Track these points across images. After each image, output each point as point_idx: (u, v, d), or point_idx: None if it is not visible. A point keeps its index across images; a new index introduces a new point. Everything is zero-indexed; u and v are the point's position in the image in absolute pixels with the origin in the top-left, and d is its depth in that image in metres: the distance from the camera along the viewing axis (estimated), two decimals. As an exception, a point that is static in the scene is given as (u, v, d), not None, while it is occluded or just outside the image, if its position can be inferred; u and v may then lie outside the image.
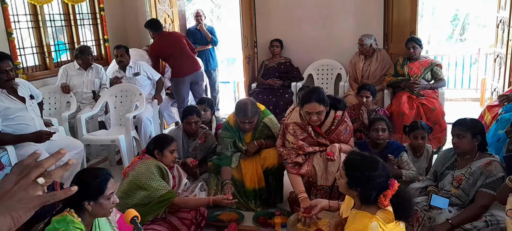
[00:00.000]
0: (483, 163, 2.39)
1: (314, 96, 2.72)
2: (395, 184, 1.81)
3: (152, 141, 2.85)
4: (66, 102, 4.38)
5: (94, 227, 1.87)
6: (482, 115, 3.88)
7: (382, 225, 1.75)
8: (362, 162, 1.86)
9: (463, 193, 2.45)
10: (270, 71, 5.13)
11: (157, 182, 2.59)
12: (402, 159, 2.98)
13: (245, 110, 3.03)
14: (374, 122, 3.08)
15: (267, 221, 2.89)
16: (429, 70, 4.25)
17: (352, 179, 1.85)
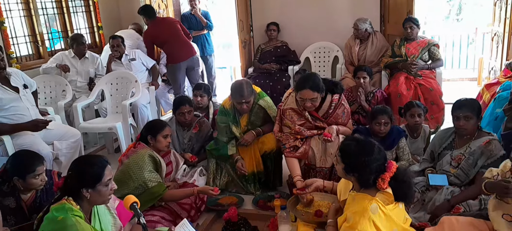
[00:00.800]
0: (483, 142, 2.39)
1: (308, 83, 2.70)
2: (392, 166, 1.81)
3: (145, 127, 2.82)
4: (61, 91, 4.34)
5: (93, 214, 1.86)
6: (481, 94, 3.88)
7: (381, 206, 1.76)
8: (357, 147, 1.85)
9: (462, 172, 2.45)
10: (266, 55, 5.09)
11: (149, 173, 2.56)
12: (399, 146, 2.94)
13: (242, 90, 3.01)
14: (376, 115, 2.92)
15: (266, 204, 2.90)
16: (427, 51, 4.22)
17: (349, 164, 1.85)
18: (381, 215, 1.75)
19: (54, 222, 1.65)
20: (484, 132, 2.49)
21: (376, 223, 1.74)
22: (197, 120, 3.43)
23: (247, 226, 2.49)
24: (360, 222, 1.75)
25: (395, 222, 1.79)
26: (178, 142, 3.40)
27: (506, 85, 3.50)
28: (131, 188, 2.53)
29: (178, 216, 2.71)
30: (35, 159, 2.25)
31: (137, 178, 2.55)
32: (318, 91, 2.71)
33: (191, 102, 3.36)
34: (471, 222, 2.12)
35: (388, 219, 1.77)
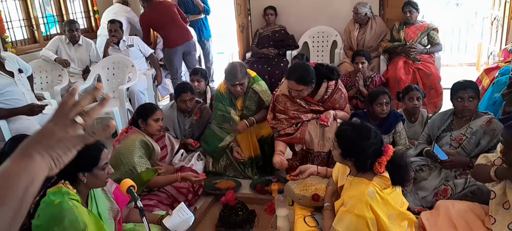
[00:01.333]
0: (484, 122, 2.40)
1: (295, 75, 2.69)
2: (389, 150, 1.80)
3: (136, 111, 2.80)
4: (57, 76, 4.31)
5: (90, 198, 1.86)
6: (480, 78, 3.86)
7: (379, 191, 1.75)
8: (354, 132, 1.84)
9: (464, 151, 2.47)
10: (264, 40, 5.04)
11: (138, 159, 2.56)
12: (396, 130, 2.94)
13: (235, 72, 2.99)
14: (377, 96, 2.93)
15: (264, 188, 2.91)
16: (426, 35, 4.20)
17: (345, 149, 1.84)
18: (378, 199, 1.75)
19: (50, 206, 1.65)
20: (481, 112, 2.51)
21: (374, 207, 1.74)
22: (198, 106, 3.41)
23: (244, 209, 2.49)
24: (357, 206, 1.75)
25: (392, 206, 1.79)
26: (179, 128, 3.38)
27: (505, 70, 3.48)
28: (122, 173, 2.53)
29: (176, 200, 2.71)
30: None
31: (127, 162, 2.55)
32: (305, 84, 2.69)
33: (192, 89, 3.32)
34: (467, 207, 2.13)
35: (386, 203, 1.77)
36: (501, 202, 1.89)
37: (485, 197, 2.13)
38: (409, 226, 1.91)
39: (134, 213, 2.18)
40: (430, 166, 2.56)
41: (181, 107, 3.31)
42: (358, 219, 1.75)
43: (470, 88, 2.43)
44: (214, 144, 3.17)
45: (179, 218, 2.17)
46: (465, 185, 2.32)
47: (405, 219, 1.86)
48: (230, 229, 2.43)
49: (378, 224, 1.77)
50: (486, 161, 2.03)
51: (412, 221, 1.90)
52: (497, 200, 1.91)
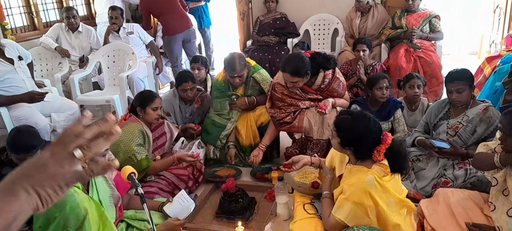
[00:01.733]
0: (480, 110, 2.40)
1: (289, 67, 2.68)
2: (388, 138, 1.81)
3: (135, 98, 2.78)
4: (58, 64, 4.30)
5: (90, 185, 1.87)
6: (481, 67, 3.84)
7: (378, 178, 1.76)
8: (353, 120, 1.85)
9: (460, 139, 2.47)
10: (265, 27, 5.01)
11: (137, 147, 2.58)
12: (395, 117, 2.96)
13: (233, 65, 2.98)
14: (377, 80, 2.96)
15: (264, 176, 2.92)
16: (427, 22, 4.17)
17: (344, 138, 1.84)
18: (377, 187, 1.76)
19: (51, 192, 1.66)
20: (478, 100, 2.51)
21: (373, 195, 1.75)
22: (199, 94, 3.41)
23: (244, 197, 2.51)
24: (356, 194, 1.76)
25: (391, 193, 1.80)
26: (180, 115, 3.39)
27: (507, 58, 3.46)
28: (121, 160, 2.53)
29: (176, 187, 2.73)
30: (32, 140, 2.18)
31: (127, 150, 2.56)
32: (299, 76, 2.68)
33: (194, 78, 3.28)
34: (467, 195, 2.14)
35: (385, 190, 1.78)
36: (501, 189, 1.90)
37: (484, 188, 2.15)
38: (408, 213, 1.93)
39: (135, 200, 2.20)
40: (428, 156, 2.57)
41: (182, 96, 3.30)
42: (357, 206, 1.76)
43: (457, 81, 2.42)
44: (215, 132, 3.18)
45: (179, 205, 2.18)
46: (466, 177, 2.33)
47: (404, 207, 1.88)
48: (230, 216, 2.45)
49: (377, 212, 1.78)
50: (486, 149, 2.04)
51: (411, 208, 1.92)
52: (498, 187, 1.91)
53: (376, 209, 1.77)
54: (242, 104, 3.14)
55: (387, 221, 1.79)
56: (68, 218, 1.60)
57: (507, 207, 1.85)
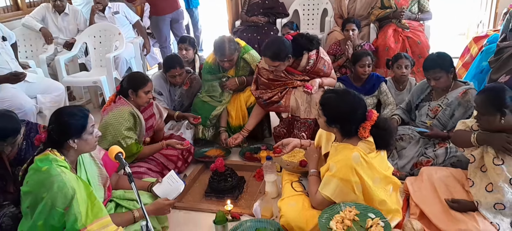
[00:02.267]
0: (460, 93, 2.42)
1: (269, 52, 2.66)
2: (373, 115, 1.83)
3: (127, 79, 2.67)
4: (42, 45, 4.22)
5: (78, 165, 1.86)
6: (468, 47, 3.88)
7: (363, 155, 1.79)
8: (338, 99, 1.87)
9: (439, 123, 2.51)
10: (254, 7, 4.95)
11: (126, 131, 2.53)
12: (381, 89, 3.03)
13: (223, 49, 2.96)
14: (360, 57, 3.03)
15: (253, 156, 2.94)
16: (416, 2, 4.18)
17: (330, 117, 1.86)
18: (363, 164, 1.78)
19: (38, 172, 1.65)
20: (460, 82, 2.51)
21: (359, 171, 1.78)
22: (188, 76, 3.37)
23: (233, 176, 2.53)
24: (342, 170, 1.79)
25: (377, 170, 1.83)
26: (170, 97, 3.35)
27: (494, 38, 3.49)
28: (109, 143, 2.50)
29: (165, 167, 2.73)
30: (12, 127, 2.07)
31: (116, 134, 2.52)
32: (279, 60, 2.67)
33: (182, 63, 3.22)
34: (449, 173, 2.20)
35: (370, 166, 1.81)
36: (479, 166, 1.95)
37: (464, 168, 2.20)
38: (394, 190, 1.97)
39: (124, 179, 2.19)
40: (410, 135, 2.61)
41: (171, 81, 3.25)
42: (343, 183, 1.79)
43: (433, 69, 2.41)
44: (205, 112, 3.17)
45: (169, 186, 2.18)
46: (446, 157, 2.38)
47: (390, 183, 1.91)
48: (219, 195, 2.47)
49: (363, 188, 1.81)
50: (464, 126, 2.08)
51: (397, 185, 1.96)
52: (476, 164, 1.97)
53: (362, 185, 1.80)
54: (233, 85, 3.13)
55: (373, 197, 1.82)
56: (56, 197, 1.60)
57: (485, 182, 1.90)
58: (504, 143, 1.79)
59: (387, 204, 1.87)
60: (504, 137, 1.82)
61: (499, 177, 1.81)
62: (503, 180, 1.80)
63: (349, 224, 1.69)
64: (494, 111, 1.82)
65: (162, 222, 2.20)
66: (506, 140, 1.80)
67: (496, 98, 1.83)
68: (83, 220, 1.62)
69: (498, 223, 1.83)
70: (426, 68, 2.47)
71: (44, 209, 1.61)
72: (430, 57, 2.51)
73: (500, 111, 1.81)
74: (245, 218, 2.23)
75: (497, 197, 1.82)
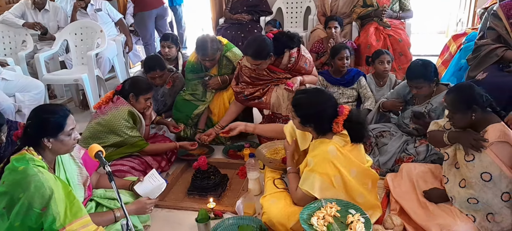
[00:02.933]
0: (443, 98, 2.45)
1: (251, 50, 2.66)
2: (344, 109, 1.88)
3: (130, 83, 2.69)
4: (21, 42, 4.13)
5: (57, 164, 1.83)
6: (447, 45, 3.94)
7: (339, 148, 1.83)
8: (309, 98, 1.91)
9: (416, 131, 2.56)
10: (238, 5, 4.94)
11: (131, 131, 2.58)
12: (360, 83, 3.10)
13: (205, 48, 2.96)
14: (339, 51, 3.11)
15: (236, 154, 2.94)
16: (398, 1, 4.25)
17: (304, 117, 1.90)
18: (339, 156, 1.83)
19: (14, 172, 1.61)
20: (442, 85, 2.53)
21: (336, 164, 1.82)
22: (170, 75, 3.35)
23: (216, 174, 2.52)
24: (320, 165, 1.82)
25: (354, 162, 1.87)
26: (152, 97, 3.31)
27: (472, 36, 3.57)
28: (111, 141, 2.56)
29: (149, 166, 2.71)
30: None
31: (120, 134, 2.56)
32: (261, 58, 2.67)
33: (162, 64, 3.16)
34: (428, 169, 2.24)
35: (347, 159, 1.85)
36: (453, 163, 2.00)
37: None
38: (373, 185, 2.00)
39: (105, 178, 2.17)
40: (391, 132, 2.65)
41: (152, 83, 3.19)
42: (322, 177, 1.82)
43: (416, 79, 2.44)
44: (187, 111, 3.15)
45: (150, 185, 2.17)
46: (427, 153, 2.43)
47: (369, 177, 1.95)
48: (202, 193, 2.46)
49: (343, 181, 1.84)
50: (437, 126, 2.13)
51: (375, 178, 1.99)
52: (450, 161, 2.02)
53: (341, 179, 1.83)
54: (215, 84, 3.12)
55: (353, 189, 1.86)
56: (33, 198, 1.57)
57: (459, 179, 1.95)
58: (471, 140, 1.84)
59: (366, 197, 1.90)
60: (472, 134, 1.87)
61: (470, 173, 1.87)
62: (474, 175, 1.85)
63: (330, 220, 1.71)
64: (465, 109, 1.87)
65: (144, 221, 2.19)
66: (473, 137, 1.85)
67: (465, 96, 1.88)
68: (62, 220, 1.60)
69: (473, 215, 1.88)
70: (409, 77, 2.49)
71: (21, 210, 1.57)
72: (414, 66, 2.50)
73: (471, 108, 1.86)
74: (227, 215, 2.24)
75: (470, 193, 1.87)
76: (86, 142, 2.53)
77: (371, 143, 2.64)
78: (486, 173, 1.81)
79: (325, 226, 1.69)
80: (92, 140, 2.52)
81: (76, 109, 4.15)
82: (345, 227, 1.69)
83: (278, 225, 1.91)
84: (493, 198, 1.82)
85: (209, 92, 3.17)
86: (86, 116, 3.91)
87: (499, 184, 1.81)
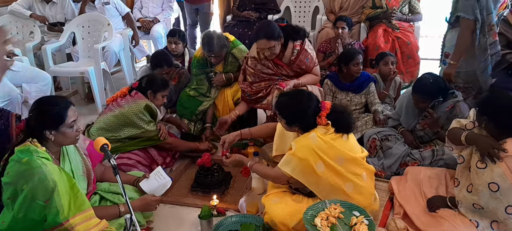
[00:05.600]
0: (447, 108, 2.43)
1: (262, 32, 2.66)
2: (326, 104, 1.94)
3: (148, 79, 2.73)
4: (29, 33, 4.14)
5: (62, 155, 1.83)
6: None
7: (320, 135, 1.87)
8: (290, 100, 1.98)
9: (427, 136, 2.55)
10: (246, 2, 4.93)
11: (148, 124, 2.62)
12: (369, 89, 3.05)
13: (211, 45, 2.95)
14: (354, 56, 3.01)
15: (240, 151, 2.93)
16: (407, 3, 4.21)
17: (288, 117, 1.96)
18: (320, 143, 1.86)
19: (19, 164, 1.62)
20: (449, 95, 2.49)
21: (318, 151, 1.85)
22: (176, 71, 3.35)
23: (220, 171, 2.52)
24: (301, 150, 1.86)
25: (339, 150, 1.89)
26: None
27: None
28: (126, 134, 2.59)
29: (154, 161, 2.72)
30: None
31: (137, 126, 2.59)
32: (274, 39, 2.67)
33: (170, 61, 3.17)
34: (435, 173, 2.22)
35: (330, 146, 1.87)
36: (467, 166, 1.96)
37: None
38: (369, 177, 2.00)
39: (110, 171, 2.16)
40: (396, 136, 2.63)
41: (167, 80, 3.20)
42: (302, 162, 1.86)
43: (420, 94, 2.44)
44: (191, 107, 3.15)
45: (156, 182, 2.17)
46: (432, 159, 2.41)
47: (362, 168, 1.95)
48: (205, 190, 2.46)
49: (328, 169, 1.87)
50: (459, 125, 2.07)
51: (371, 172, 2.00)
52: (464, 164, 1.97)
53: (326, 167, 1.86)
54: (220, 81, 3.11)
55: (341, 176, 1.89)
56: (36, 190, 1.57)
57: (468, 183, 1.92)
58: (489, 147, 1.78)
59: (359, 183, 1.92)
60: (491, 141, 1.80)
61: (479, 180, 1.82)
62: (482, 183, 1.81)
63: (333, 221, 1.70)
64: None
65: (147, 216, 2.19)
66: (492, 144, 1.78)
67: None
68: (65, 213, 1.60)
69: (477, 221, 1.86)
70: (415, 91, 2.47)
71: (25, 202, 1.58)
72: (423, 82, 2.46)
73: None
74: (230, 213, 2.23)
75: (474, 199, 1.85)
76: (99, 133, 2.54)
77: (375, 146, 2.63)
78: (494, 183, 1.77)
79: (329, 227, 1.69)
80: (108, 133, 2.56)
81: (82, 102, 4.15)
82: (348, 228, 1.68)
83: (280, 225, 1.91)
84: (498, 208, 1.79)
85: (213, 88, 3.17)
86: (91, 109, 3.92)
87: (506, 197, 1.76)
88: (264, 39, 2.66)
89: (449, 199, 2.01)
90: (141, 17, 4.88)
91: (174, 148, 2.84)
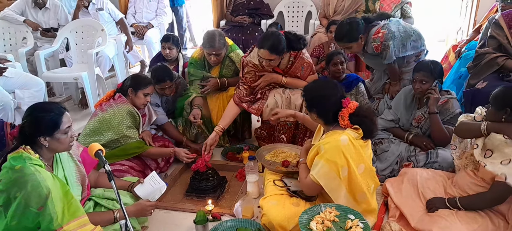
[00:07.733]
0: (441, 102, 2.46)
1: (268, 44, 2.63)
2: (350, 103, 1.90)
3: (130, 78, 2.70)
4: (22, 39, 4.12)
5: (55, 162, 1.82)
6: (447, 54, 3.96)
7: (352, 139, 1.85)
8: (315, 85, 2.08)
9: (421, 131, 2.56)
10: (239, 7, 4.96)
11: (128, 130, 2.56)
12: (358, 90, 3.06)
13: (213, 41, 2.95)
14: (332, 57, 3.09)
15: (235, 156, 2.93)
16: (399, 8, 4.24)
17: (309, 100, 1.99)
18: (351, 148, 1.83)
19: (12, 171, 1.60)
20: (443, 91, 2.55)
21: (346, 154, 1.82)
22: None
23: (215, 176, 2.51)
24: (329, 151, 1.83)
25: (363, 158, 1.88)
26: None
27: (472, 45, 3.58)
28: (107, 139, 2.52)
29: (147, 166, 2.70)
30: None
31: (116, 132, 2.53)
32: (277, 54, 2.65)
33: (171, 75, 3.05)
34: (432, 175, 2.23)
35: (358, 153, 1.86)
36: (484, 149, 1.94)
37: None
38: (374, 189, 2.00)
39: (104, 177, 2.16)
40: (390, 139, 2.65)
41: (160, 93, 3.10)
42: (328, 164, 1.82)
43: (422, 72, 2.46)
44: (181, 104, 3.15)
45: (151, 187, 2.16)
46: (427, 161, 2.43)
47: (372, 180, 1.95)
48: (200, 194, 2.45)
49: (349, 173, 1.85)
50: (467, 119, 2.06)
51: (377, 184, 2.00)
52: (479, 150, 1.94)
53: (348, 170, 1.84)
54: (213, 85, 3.11)
55: (357, 186, 1.86)
56: (30, 197, 1.56)
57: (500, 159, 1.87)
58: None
59: (367, 196, 1.91)
60: None
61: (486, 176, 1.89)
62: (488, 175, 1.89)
63: (329, 224, 1.71)
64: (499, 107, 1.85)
65: (142, 221, 2.18)
66: None
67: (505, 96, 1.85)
68: (59, 220, 1.59)
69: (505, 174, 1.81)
70: (417, 70, 2.50)
71: (18, 209, 1.56)
72: (425, 62, 2.55)
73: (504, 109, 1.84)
74: (225, 218, 2.23)
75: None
76: (85, 140, 2.52)
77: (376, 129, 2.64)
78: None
79: (324, 230, 1.69)
80: (91, 138, 2.51)
81: (75, 108, 4.13)
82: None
83: (278, 227, 1.91)
84: None
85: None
86: (85, 115, 3.90)
87: None
88: (267, 50, 2.63)
89: (448, 200, 2.02)
90: (135, 22, 4.88)
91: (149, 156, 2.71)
